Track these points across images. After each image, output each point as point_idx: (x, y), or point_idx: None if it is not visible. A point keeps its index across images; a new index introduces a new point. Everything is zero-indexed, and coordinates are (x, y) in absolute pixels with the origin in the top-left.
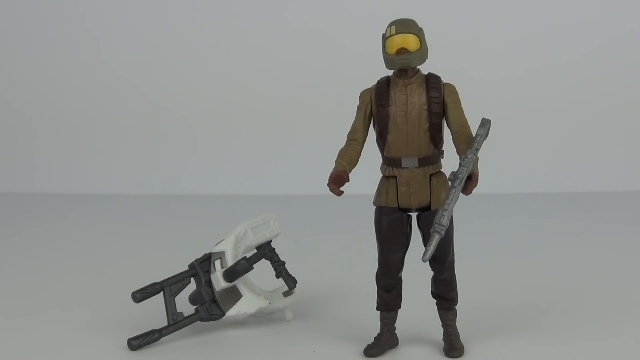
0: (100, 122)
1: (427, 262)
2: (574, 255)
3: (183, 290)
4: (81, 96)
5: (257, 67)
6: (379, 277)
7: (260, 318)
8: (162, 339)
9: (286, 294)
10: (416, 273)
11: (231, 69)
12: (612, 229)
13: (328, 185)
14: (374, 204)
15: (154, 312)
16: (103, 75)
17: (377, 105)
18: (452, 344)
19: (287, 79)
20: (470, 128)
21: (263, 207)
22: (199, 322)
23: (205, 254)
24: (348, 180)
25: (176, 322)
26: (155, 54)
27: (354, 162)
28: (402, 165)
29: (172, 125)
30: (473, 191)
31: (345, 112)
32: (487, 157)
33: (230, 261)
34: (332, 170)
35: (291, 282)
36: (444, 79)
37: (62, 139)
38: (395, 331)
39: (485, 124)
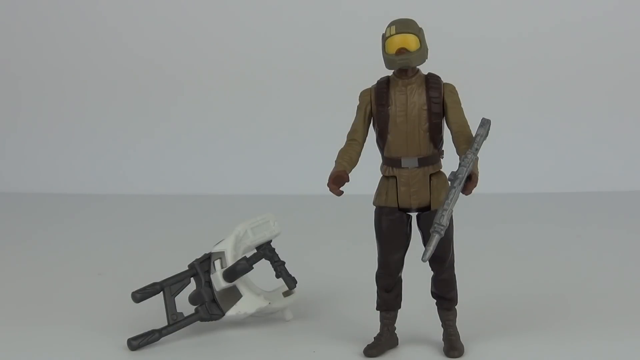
0: (101, 122)
1: (427, 262)
2: (574, 255)
3: (183, 290)
4: (83, 96)
5: (258, 65)
6: (379, 277)
7: (260, 318)
8: (162, 339)
9: (286, 294)
10: (416, 273)
11: (232, 67)
12: (612, 229)
13: (328, 185)
14: (374, 204)
15: (154, 312)
16: (103, 74)
17: (377, 105)
18: (452, 344)
19: (288, 81)
20: (470, 128)
21: (263, 207)
22: (199, 322)
23: (205, 254)
24: (348, 180)
25: (176, 322)
26: (156, 48)
27: (353, 162)
28: (402, 165)
29: (171, 125)
30: (473, 191)
31: (346, 113)
32: (487, 157)
33: (230, 261)
34: (332, 170)
35: (291, 282)
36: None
37: (62, 139)
38: (395, 331)
39: (485, 124)
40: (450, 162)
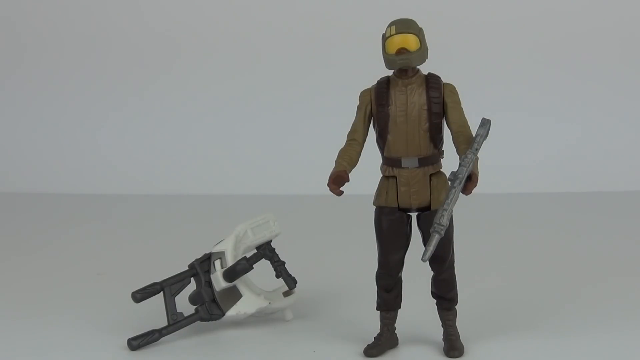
0: (101, 122)
1: (427, 262)
2: (574, 255)
3: (183, 290)
4: (84, 96)
5: (260, 65)
6: (379, 277)
7: (260, 318)
8: (162, 339)
9: (286, 294)
10: (416, 273)
11: (234, 68)
12: (612, 229)
13: (328, 185)
14: (374, 204)
15: (154, 312)
16: (103, 74)
17: (377, 105)
18: (452, 344)
19: (288, 82)
20: (470, 128)
21: (263, 207)
22: (199, 322)
23: (205, 254)
24: (348, 180)
25: (176, 322)
26: (156, 42)
27: (353, 162)
28: (402, 165)
29: (172, 125)
30: (473, 191)
31: (346, 113)
32: (487, 156)
33: (230, 261)
34: (332, 170)
35: (291, 282)
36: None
37: (62, 139)
38: (395, 331)
39: (485, 124)
40: (450, 162)
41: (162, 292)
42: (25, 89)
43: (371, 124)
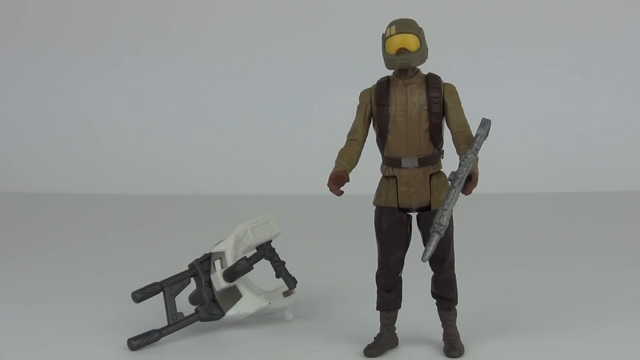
0: (102, 122)
1: (427, 262)
2: (574, 255)
3: (183, 290)
4: (84, 96)
5: (261, 65)
6: (379, 277)
7: (260, 318)
8: (162, 339)
9: (286, 294)
10: (416, 273)
11: (236, 70)
12: (612, 229)
13: (328, 185)
14: (374, 204)
15: (154, 312)
16: (102, 74)
17: (377, 105)
18: (452, 344)
19: (289, 82)
20: (471, 128)
21: (263, 207)
22: (199, 322)
23: (205, 254)
24: (348, 180)
25: (176, 322)
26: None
27: (353, 162)
28: (402, 165)
29: (172, 125)
30: (473, 191)
31: (346, 113)
32: (487, 156)
33: (230, 261)
34: (332, 170)
35: (291, 282)
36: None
37: (62, 139)
38: (395, 331)
39: (485, 124)
40: (450, 162)
41: (162, 292)
42: (24, 89)
43: (371, 124)
